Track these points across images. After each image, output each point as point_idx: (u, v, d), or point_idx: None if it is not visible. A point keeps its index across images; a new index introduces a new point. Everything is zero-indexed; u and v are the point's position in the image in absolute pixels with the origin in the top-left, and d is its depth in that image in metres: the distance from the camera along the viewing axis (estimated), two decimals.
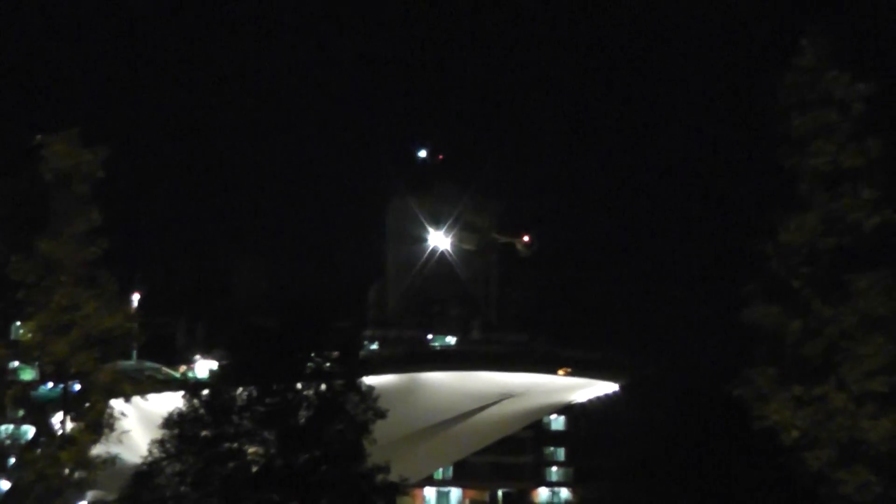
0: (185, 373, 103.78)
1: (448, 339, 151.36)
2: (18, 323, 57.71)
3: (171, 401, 51.53)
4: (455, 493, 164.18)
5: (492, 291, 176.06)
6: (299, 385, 48.70)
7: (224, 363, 52.75)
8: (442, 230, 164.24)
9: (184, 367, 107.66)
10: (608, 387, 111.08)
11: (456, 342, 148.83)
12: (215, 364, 68.70)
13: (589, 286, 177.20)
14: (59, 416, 54.99)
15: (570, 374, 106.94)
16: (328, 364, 49.42)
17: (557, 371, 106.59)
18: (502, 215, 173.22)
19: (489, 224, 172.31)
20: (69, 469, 53.02)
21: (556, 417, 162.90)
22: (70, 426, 54.09)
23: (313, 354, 49.33)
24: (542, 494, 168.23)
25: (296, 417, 48.21)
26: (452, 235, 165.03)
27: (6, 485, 65.65)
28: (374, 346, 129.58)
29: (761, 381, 42.47)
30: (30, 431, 60.52)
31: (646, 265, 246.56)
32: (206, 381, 54.79)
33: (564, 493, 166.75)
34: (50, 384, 57.10)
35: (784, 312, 42.38)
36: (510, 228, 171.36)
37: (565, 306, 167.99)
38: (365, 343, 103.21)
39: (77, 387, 54.20)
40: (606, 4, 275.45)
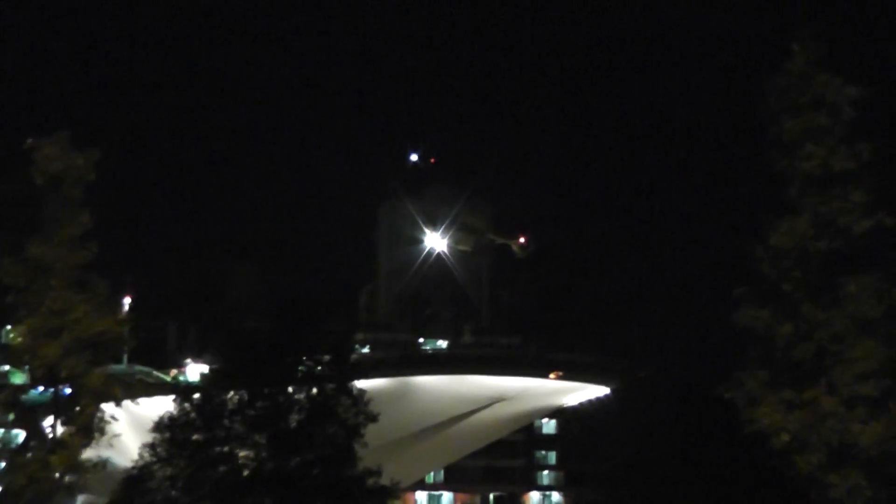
0: (176, 376, 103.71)
1: (440, 343, 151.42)
2: (9, 327, 57.61)
3: (162, 404, 51.37)
4: (446, 497, 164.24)
5: (484, 294, 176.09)
6: (290, 389, 48.57)
7: (215, 367, 52.67)
8: (438, 232, 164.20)
9: (174, 371, 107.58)
10: (599, 390, 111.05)
11: (447, 345, 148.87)
12: (206, 368, 68.66)
13: (580, 289, 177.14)
14: (50, 420, 54.81)
15: (562, 378, 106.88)
16: (319, 367, 49.31)
17: (549, 375, 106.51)
18: (498, 216, 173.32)
19: (485, 225, 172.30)
20: (60, 473, 52.92)
21: (548, 421, 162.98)
22: (61, 430, 53.94)
23: (304, 358, 49.19)
24: (534, 498, 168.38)
25: (287, 421, 48.10)
26: (449, 237, 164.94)
27: None
28: (366, 350, 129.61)
29: (752, 385, 42.47)
30: (20, 435, 60.27)
31: (637, 268, 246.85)
32: (197, 385, 54.74)
33: (556, 497, 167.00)
34: (40, 388, 56.86)
35: (775, 316, 42.37)
36: (506, 229, 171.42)
37: (557, 309, 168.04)
38: (356, 346, 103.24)
39: (68, 390, 54.05)
40: (600, 7, 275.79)
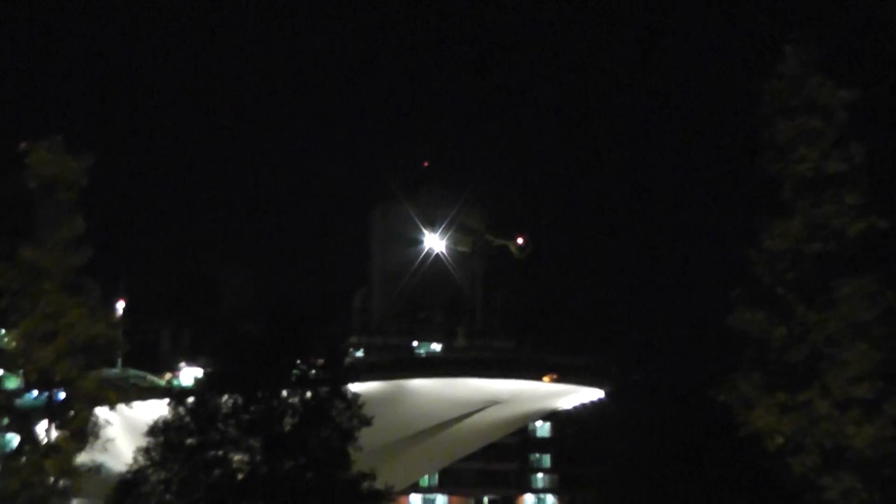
0: (170, 380, 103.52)
1: (433, 346, 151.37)
2: (3, 331, 57.57)
3: (156, 408, 51.30)
4: (441, 500, 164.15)
5: (478, 296, 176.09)
6: (284, 392, 48.51)
7: (209, 371, 52.52)
8: (435, 233, 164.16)
9: (168, 375, 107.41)
10: (594, 393, 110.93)
11: (441, 348, 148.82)
12: (200, 371, 68.50)
13: (575, 292, 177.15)
14: (44, 424, 54.76)
15: (556, 381, 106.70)
16: (313, 371, 49.26)
17: (543, 377, 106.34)
18: (498, 217, 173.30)
19: (483, 226, 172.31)
20: (54, 477, 52.89)
21: (542, 424, 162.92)
22: (54, 434, 53.90)
23: (298, 361, 49.16)
24: (528, 501, 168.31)
25: (281, 425, 48.04)
26: (447, 238, 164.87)
27: None
28: (360, 353, 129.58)
29: (746, 387, 42.53)
30: (14, 440, 60.20)
31: (631, 271, 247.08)
32: (191, 389, 54.60)
33: (550, 500, 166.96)
34: (34, 392, 56.88)
35: (769, 318, 42.43)
36: (504, 230, 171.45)
37: (551, 312, 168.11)
38: (350, 350, 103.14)
39: (61, 395, 54.05)
40: (595, 9, 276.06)
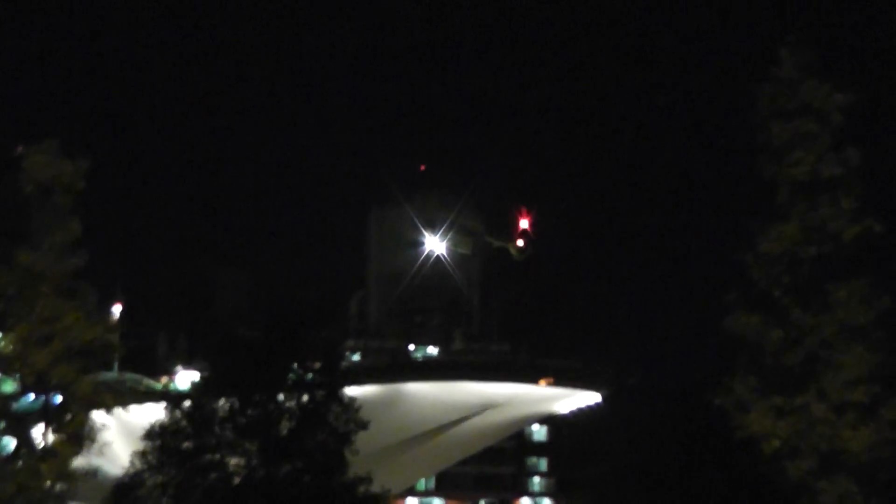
0: (167, 384, 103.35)
1: (430, 350, 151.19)
2: None
3: (153, 412, 51.34)
4: None
5: (474, 299, 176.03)
6: (281, 396, 48.54)
7: (205, 374, 52.54)
8: (435, 235, 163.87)
9: (165, 379, 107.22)
10: (590, 397, 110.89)
11: (438, 352, 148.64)
12: (197, 375, 68.49)
13: (571, 295, 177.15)
14: (40, 428, 54.67)
15: (553, 385, 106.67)
16: (310, 375, 49.28)
17: (539, 381, 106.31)
18: (498, 218, 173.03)
19: (482, 228, 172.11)
20: (50, 481, 52.77)
21: (539, 428, 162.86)
22: (51, 438, 53.80)
23: (295, 365, 49.19)
24: None
25: (277, 428, 48.04)
26: (448, 239, 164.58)
27: None
28: (356, 357, 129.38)
29: (742, 391, 42.54)
30: (10, 443, 60.14)
31: (628, 275, 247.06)
32: (188, 393, 54.52)
33: None
34: (30, 396, 56.79)
35: (765, 322, 42.46)
36: (502, 231, 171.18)
37: (548, 315, 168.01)
38: (347, 353, 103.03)
39: (58, 398, 53.95)
40: (592, 11, 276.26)
